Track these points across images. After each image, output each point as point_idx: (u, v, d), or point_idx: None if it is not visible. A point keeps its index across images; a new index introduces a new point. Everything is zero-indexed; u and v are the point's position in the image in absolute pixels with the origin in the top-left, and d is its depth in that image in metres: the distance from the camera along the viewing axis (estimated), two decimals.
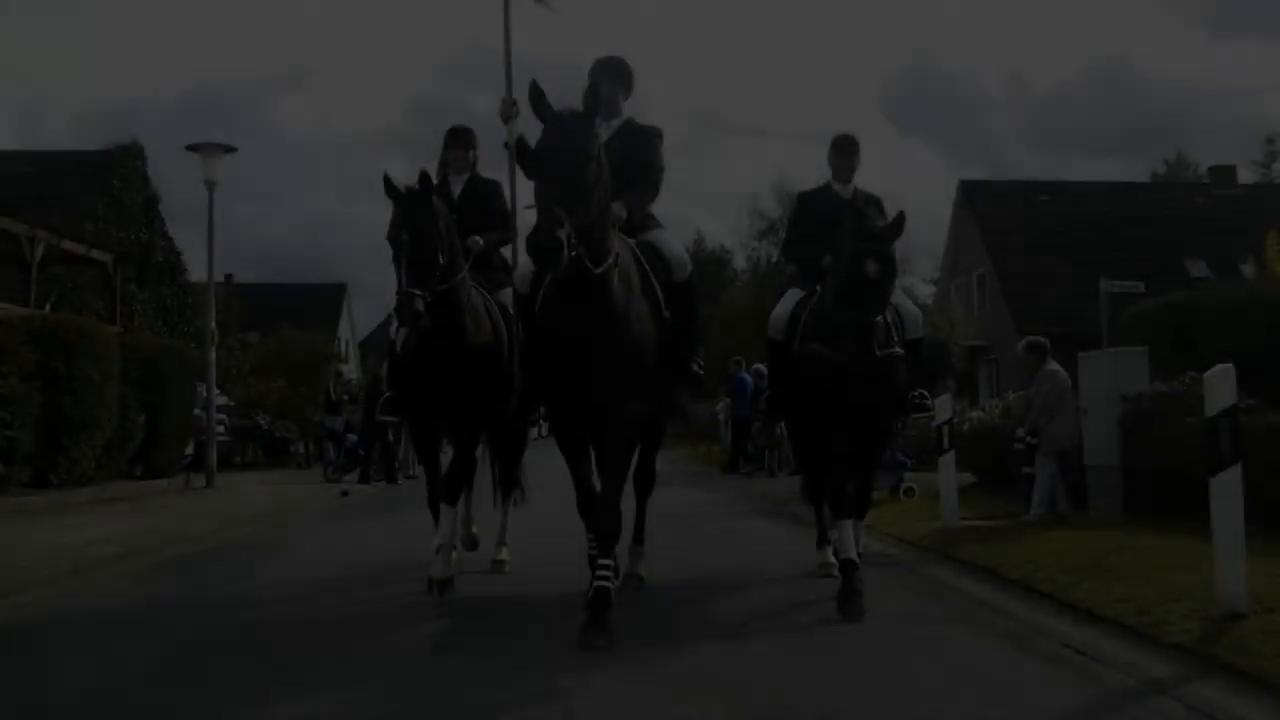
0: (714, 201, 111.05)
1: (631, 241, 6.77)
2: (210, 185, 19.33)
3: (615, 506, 6.45)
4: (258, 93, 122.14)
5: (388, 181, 7.21)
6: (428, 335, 7.34)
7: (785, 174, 55.24)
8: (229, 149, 19.66)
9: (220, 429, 22.30)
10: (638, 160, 7.08)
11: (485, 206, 8.23)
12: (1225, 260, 30.54)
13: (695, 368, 7.37)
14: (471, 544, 9.04)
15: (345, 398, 24.29)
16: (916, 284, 48.52)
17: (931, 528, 10.54)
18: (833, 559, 7.82)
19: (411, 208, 7.12)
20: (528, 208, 6.28)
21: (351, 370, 46.33)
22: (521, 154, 7.29)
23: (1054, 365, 11.51)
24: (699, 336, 7.64)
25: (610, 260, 6.10)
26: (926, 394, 8.34)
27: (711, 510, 14.37)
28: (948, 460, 10.88)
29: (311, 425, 27.15)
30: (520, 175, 7.76)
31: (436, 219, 7.18)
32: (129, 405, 16.32)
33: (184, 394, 18.79)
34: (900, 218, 6.96)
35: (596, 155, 5.94)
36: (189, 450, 20.21)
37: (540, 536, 9.56)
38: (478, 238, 7.92)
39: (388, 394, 8.34)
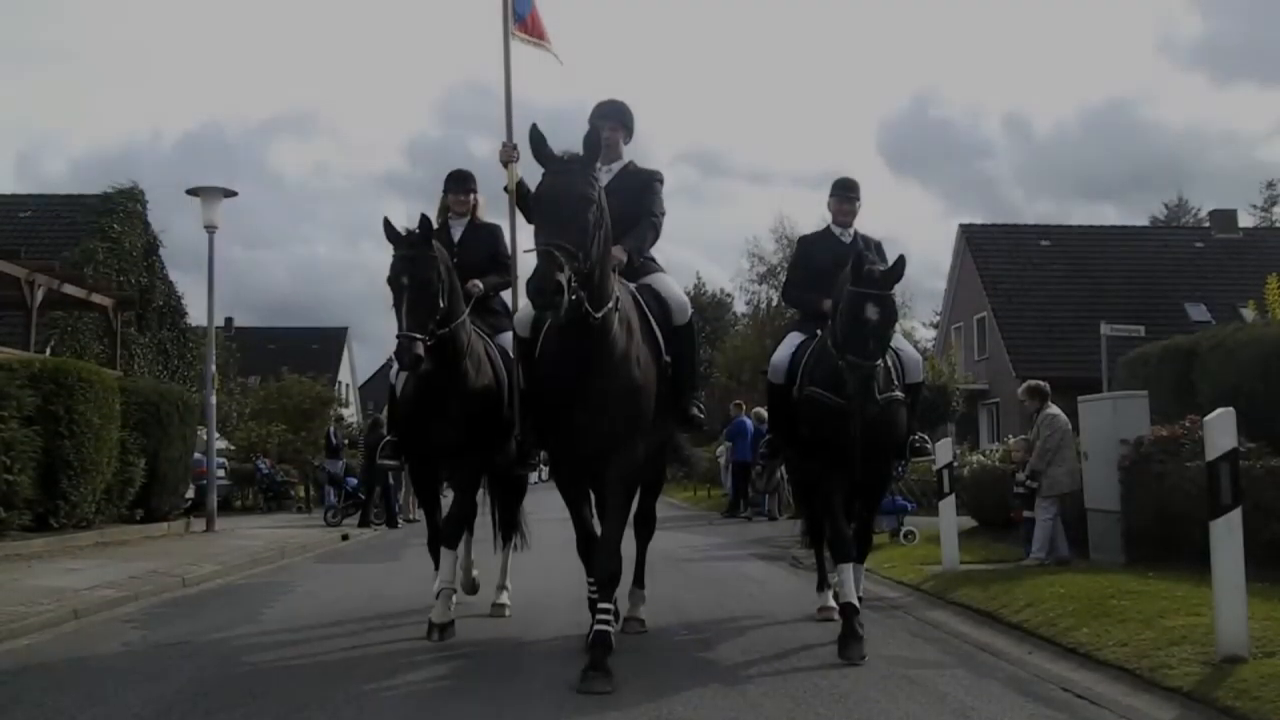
0: (714, 245, 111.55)
1: (632, 285, 6.81)
2: (210, 229, 19.34)
3: (616, 550, 6.44)
4: (258, 137, 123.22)
5: (388, 225, 7.25)
6: (428, 379, 7.36)
7: (785, 217, 55.28)
8: (229, 193, 19.67)
9: (220, 473, 22.28)
10: (638, 204, 7.14)
11: (485, 250, 8.28)
12: (1225, 304, 30.68)
13: (695, 411, 7.37)
14: (472, 588, 9.02)
15: (345, 442, 24.29)
16: (917, 328, 48.72)
17: (932, 571, 10.51)
18: (833, 603, 7.80)
19: (411, 252, 7.15)
20: (528, 251, 6.33)
21: (352, 414, 46.30)
22: (522, 198, 7.33)
23: (1054, 409, 11.50)
24: (699, 380, 7.65)
25: (610, 304, 6.13)
26: (927, 438, 8.35)
27: (712, 554, 14.30)
28: (948, 504, 10.87)
29: (312, 469, 27.12)
30: (520, 219, 7.80)
31: (436, 263, 7.21)
32: (129, 449, 16.31)
33: (184, 438, 18.75)
34: (900, 262, 6.99)
35: (597, 199, 5.97)
36: (189, 494, 20.18)
37: (540, 580, 9.54)
38: (478, 281, 7.95)
39: (388, 437, 8.35)
